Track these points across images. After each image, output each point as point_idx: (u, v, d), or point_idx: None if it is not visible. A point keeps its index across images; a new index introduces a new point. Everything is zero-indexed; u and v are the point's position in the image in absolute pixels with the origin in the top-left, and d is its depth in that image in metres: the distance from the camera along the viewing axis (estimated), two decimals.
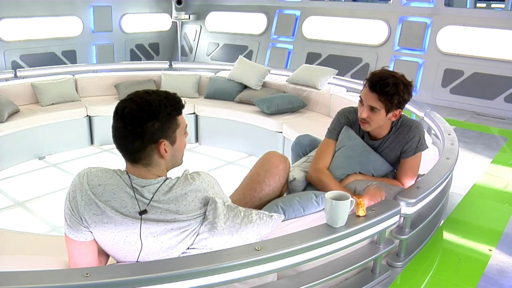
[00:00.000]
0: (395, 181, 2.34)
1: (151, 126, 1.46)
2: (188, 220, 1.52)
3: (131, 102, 1.48)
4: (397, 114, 2.23)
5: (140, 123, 1.46)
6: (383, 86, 2.13)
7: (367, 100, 2.20)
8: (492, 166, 3.83)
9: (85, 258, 1.54)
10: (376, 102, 2.17)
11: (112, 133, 1.51)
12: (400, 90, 2.14)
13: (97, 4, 7.55)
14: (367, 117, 2.22)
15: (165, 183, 1.52)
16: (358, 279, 2.04)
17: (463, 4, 6.90)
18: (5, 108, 4.43)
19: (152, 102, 1.47)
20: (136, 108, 1.46)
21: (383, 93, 2.14)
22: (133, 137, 1.46)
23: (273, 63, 7.61)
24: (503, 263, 2.31)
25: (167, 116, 1.49)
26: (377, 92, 2.15)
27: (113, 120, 1.50)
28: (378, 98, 2.16)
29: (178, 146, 1.57)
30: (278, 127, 4.50)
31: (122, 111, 1.47)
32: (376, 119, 2.22)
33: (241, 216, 1.63)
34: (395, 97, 2.14)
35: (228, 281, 1.53)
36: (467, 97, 6.02)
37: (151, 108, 1.46)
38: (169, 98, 1.52)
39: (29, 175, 4.39)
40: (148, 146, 1.49)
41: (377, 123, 2.25)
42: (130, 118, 1.45)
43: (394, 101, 2.15)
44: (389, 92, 2.13)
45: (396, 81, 2.14)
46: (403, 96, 2.16)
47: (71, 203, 1.50)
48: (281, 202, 2.07)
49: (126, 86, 5.29)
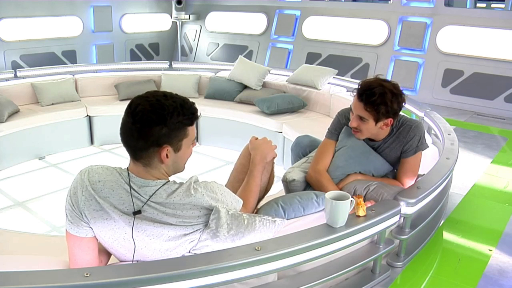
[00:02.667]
0: (395, 181, 2.34)
1: (158, 130, 1.45)
2: (185, 226, 1.52)
3: (145, 101, 1.47)
4: (388, 123, 2.21)
5: (148, 124, 1.45)
6: (370, 95, 2.13)
7: (355, 109, 2.21)
8: (492, 166, 3.82)
9: (85, 256, 1.54)
10: (363, 112, 2.17)
11: (120, 126, 1.50)
12: (388, 100, 2.11)
13: (97, 4, 7.55)
14: (357, 126, 2.23)
15: (163, 188, 1.51)
16: (358, 279, 2.04)
17: (463, 4, 6.90)
18: (5, 108, 4.43)
19: (166, 107, 1.46)
20: (149, 108, 1.45)
21: (369, 103, 2.13)
22: (138, 135, 1.46)
23: (273, 63, 7.61)
24: (503, 263, 2.31)
25: (177, 124, 1.48)
26: (363, 101, 2.15)
27: (124, 113, 1.49)
28: (364, 108, 2.16)
29: (181, 154, 1.56)
30: (278, 127, 4.50)
31: (135, 107, 1.46)
32: (366, 128, 2.22)
33: (244, 224, 1.62)
34: (381, 107, 2.12)
35: (228, 281, 1.53)
36: (467, 97, 6.02)
37: (163, 113, 1.45)
38: (184, 107, 1.50)
39: (29, 175, 4.39)
40: (151, 148, 1.48)
41: (368, 132, 2.25)
42: (140, 116, 1.45)
43: (380, 111, 2.13)
44: (375, 102, 2.12)
45: (383, 90, 2.12)
46: (392, 106, 2.13)
47: (72, 198, 1.51)
48: (282, 201, 2.06)
49: (126, 86, 5.30)
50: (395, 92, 2.15)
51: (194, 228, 1.54)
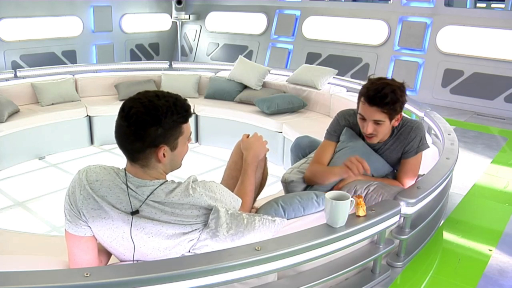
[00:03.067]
0: (395, 181, 2.34)
1: (153, 131, 1.45)
2: (184, 225, 1.52)
3: (138, 103, 1.46)
4: (399, 118, 2.26)
5: (143, 126, 1.44)
6: (383, 98, 2.13)
7: (369, 115, 2.19)
8: (492, 166, 3.82)
9: (85, 255, 1.54)
10: (379, 115, 2.17)
11: (115, 129, 1.50)
12: (399, 96, 2.15)
13: (97, 4, 7.55)
14: (374, 130, 2.22)
15: (161, 187, 1.51)
16: (358, 279, 2.04)
17: (463, 4, 6.90)
18: (5, 108, 4.43)
19: (160, 108, 1.45)
20: (143, 110, 1.44)
21: (385, 104, 2.14)
22: (134, 138, 1.46)
23: (273, 63, 7.61)
24: (503, 263, 2.31)
25: (172, 123, 1.48)
26: (378, 105, 2.15)
27: (117, 116, 1.49)
28: (381, 110, 2.16)
29: (178, 152, 1.56)
30: (278, 127, 4.50)
31: (128, 110, 1.46)
32: (382, 130, 2.24)
33: (244, 224, 1.62)
34: (397, 105, 2.15)
35: (228, 281, 1.53)
36: (467, 97, 6.02)
37: (157, 113, 1.45)
38: (177, 105, 1.50)
39: (29, 175, 4.39)
40: (148, 149, 1.48)
41: (383, 134, 2.27)
42: (134, 119, 1.44)
43: (397, 109, 2.17)
44: (390, 102, 2.13)
45: (392, 88, 2.15)
46: (402, 100, 2.18)
47: (70, 198, 1.52)
48: (282, 201, 2.06)
49: (126, 86, 5.30)
50: (400, 86, 2.19)
51: (193, 228, 1.54)
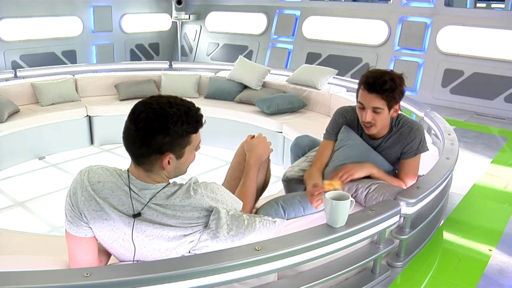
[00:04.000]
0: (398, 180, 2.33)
1: (161, 138, 1.44)
2: (185, 227, 1.52)
3: (149, 108, 1.44)
4: (397, 108, 2.25)
5: (151, 132, 1.43)
6: (382, 84, 2.14)
7: (368, 102, 2.19)
8: (492, 166, 3.82)
9: (85, 256, 1.54)
10: (379, 101, 2.17)
11: (123, 130, 1.49)
12: (398, 84, 2.17)
13: (97, 4, 7.55)
14: (372, 119, 2.21)
15: (163, 190, 1.51)
16: (358, 279, 2.04)
17: (463, 4, 6.90)
18: (5, 108, 4.43)
19: (170, 116, 1.43)
20: (152, 117, 1.43)
21: (384, 91, 2.14)
22: (140, 142, 1.45)
23: (273, 63, 7.61)
24: (503, 263, 2.31)
25: (180, 132, 1.46)
26: (377, 91, 2.15)
27: (127, 117, 1.48)
28: (380, 97, 2.16)
29: (184, 160, 1.55)
30: (278, 127, 4.50)
31: (138, 114, 1.44)
32: (381, 119, 2.22)
33: (244, 225, 1.62)
34: (395, 92, 2.16)
35: (228, 281, 1.53)
36: (467, 97, 6.02)
37: (167, 121, 1.43)
38: (189, 115, 1.48)
39: (29, 175, 4.39)
40: (153, 155, 1.47)
41: (382, 123, 2.26)
42: (143, 124, 1.43)
43: (395, 97, 2.17)
44: (390, 88, 2.14)
45: (392, 76, 2.17)
46: (401, 89, 2.19)
47: (72, 199, 1.51)
48: (282, 201, 2.06)
49: (126, 86, 5.29)
50: (399, 75, 2.20)
51: (194, 229, 1.53)
